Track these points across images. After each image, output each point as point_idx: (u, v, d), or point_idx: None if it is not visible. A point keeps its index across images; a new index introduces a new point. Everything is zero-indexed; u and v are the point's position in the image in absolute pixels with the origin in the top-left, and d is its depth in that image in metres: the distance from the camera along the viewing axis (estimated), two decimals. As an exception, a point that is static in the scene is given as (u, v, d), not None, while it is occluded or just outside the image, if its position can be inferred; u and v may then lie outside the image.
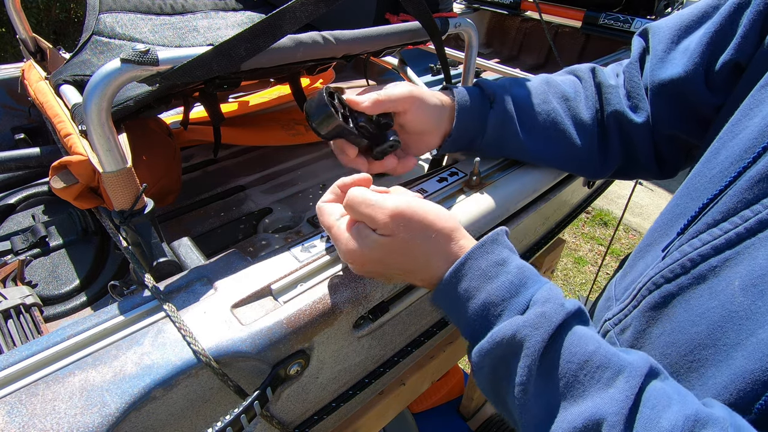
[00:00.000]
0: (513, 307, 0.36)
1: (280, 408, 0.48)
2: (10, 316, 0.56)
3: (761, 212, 0.34)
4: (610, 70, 0.62)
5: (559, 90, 0.60)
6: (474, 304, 0.37)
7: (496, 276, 0.37)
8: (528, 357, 0.34)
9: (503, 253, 0.38)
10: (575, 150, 0.59)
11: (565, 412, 0.32)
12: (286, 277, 0.46)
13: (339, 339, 0.48)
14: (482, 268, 0.37)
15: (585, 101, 0.60)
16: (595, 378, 0.32)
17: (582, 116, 0.59)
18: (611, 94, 0.58)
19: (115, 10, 0.68)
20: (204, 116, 0.96)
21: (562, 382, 0.33)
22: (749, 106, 0.40)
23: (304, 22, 0.48)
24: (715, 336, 0.35)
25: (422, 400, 1.49)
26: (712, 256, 0.36)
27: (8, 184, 0.86)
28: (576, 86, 0.61)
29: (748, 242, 0.34)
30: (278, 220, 0.78)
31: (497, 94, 0.58)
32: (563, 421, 0.32)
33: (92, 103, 0.40)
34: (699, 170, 0.44)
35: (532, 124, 0.59)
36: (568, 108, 0.59)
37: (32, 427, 0.32)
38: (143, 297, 0.43)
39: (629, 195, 1.54)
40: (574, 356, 0.33)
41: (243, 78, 0.58)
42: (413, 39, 0.66)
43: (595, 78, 0.61)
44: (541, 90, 0.60)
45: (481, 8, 1.65)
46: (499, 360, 0.36)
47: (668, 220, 0.45)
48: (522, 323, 0.34)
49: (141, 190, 0.45)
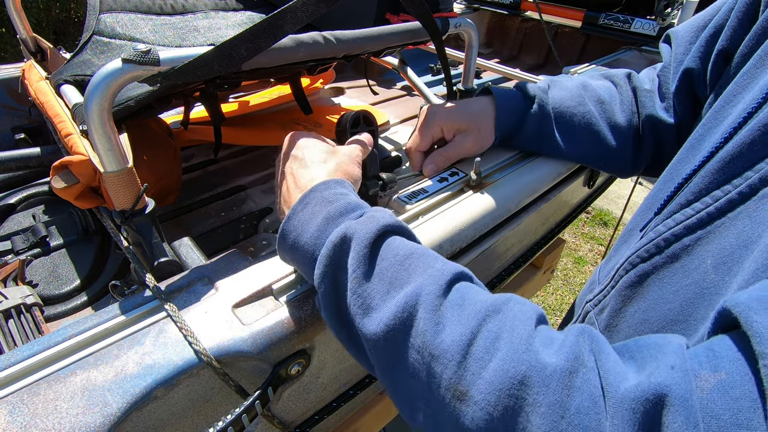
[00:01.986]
0: (350, 219, 0.39)
1: (281, 408, 0.48)
2: (11, 316, 0.56)
3: (731, 191, 0.34)
4: (644, 75, 0.65)
5: (595, 94, 0.63)
6: (314, 224, 0.40)
7: (337, 200, 0.41)
8: (358, 245, 0.36)
9: (345, 188, 0.43)
10: (608, 151, 0.63)
11: (393, 300, 0.34)
12: (287, 276, 0.46)
13: (340, 339, 0.48)
14: (325, 196, 0.42)
15: (620, 105, 0.63)
16: (419, 264, 0.35)
17: (617, 119, 0.62)
18: (646, 98, 0.61)
19: (115, 10, 0.68)
20: (204, 116, 0.96)
21: (389, 273, 0.36)
22: (732, 92, 0.41)
23: (304, 22, 0.48)
24: (686, 312, 0.36)
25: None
26: (685, 235, 0.37)
27: (8, 184, 0.86)
28: (611, 91, 0.64)
29: (718, 222, 0.35)
30: (279, 220, 0.78)
31: (537, 96, 0.63)
32: (390, 305, 0.34)
33: (93, 103, 0.40)
34: (682, 156, 0.44)
35: (568, 126, 0.63)
36: (603, 111, 0.63)
37: (34, 426, 0.33)
38: (144, 297, 0.43)
39: (629, 195, 1.54)
40: (402, 249, 0.37)
41: (244, 78, 0.58)
42: (413, 39, 0.66)
43: (631, 83, 0.64)
44: (577, 93, 0.63)
45: (481, 8, 1.65)
46: (335, 266, 0.38)
47: (650, 203, 0.46)
48: (354, 223, 0.38)
49: (142, 190, 0.45)
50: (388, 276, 0.35)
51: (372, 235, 0.37)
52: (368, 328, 0.34)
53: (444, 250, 0.53)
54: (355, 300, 0.36)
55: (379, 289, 0.35)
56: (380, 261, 0.36)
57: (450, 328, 0.31)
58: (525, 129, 0.64)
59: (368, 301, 0.35)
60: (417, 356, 0.32)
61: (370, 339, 0.34)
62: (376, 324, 0.34)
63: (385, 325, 0.33)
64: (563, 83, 0.66)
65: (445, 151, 0.63)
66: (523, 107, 0.64)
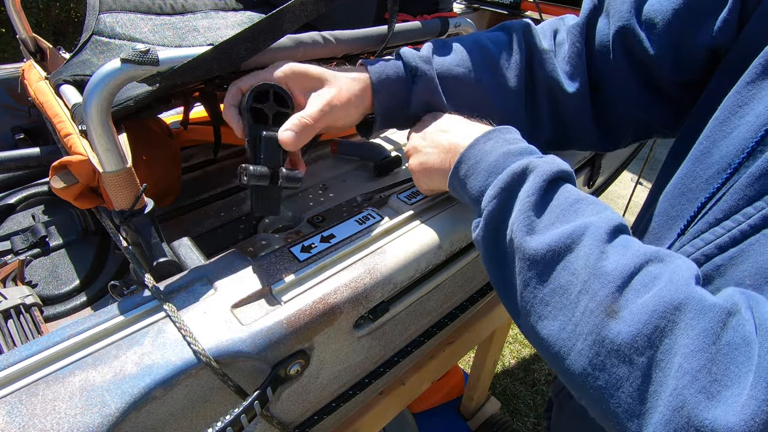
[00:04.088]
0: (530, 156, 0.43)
1: (281, 408, 0.48)
2: (10, 316, 0.56)
3: (764, 208, 0.34)
4: (545, 30, 0.57)
5: (487, 56, 0.55)
6: (494, 155, 0.44)
7: (516, 142, 0.45)
8: (537, 177, 0.39)
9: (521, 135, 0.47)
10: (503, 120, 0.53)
11: (558, 229, 0.37)
12: (286, 277, 0.46)
13: (339, 339, 0.48)
14: (506, 137, 0.46)
15: (513, 67, 0.55)
16: (590, 208, 0.38)
17: (509, 83, 0.55)
18: (544, 60, 0.55)
19: (115, 10, 0.68)
20: (204, 116, 0.96)
21: (558, 209, 0.38)
22: (737, 103, 0.39)
23: (304, 22, 0.48)
24: None
25: (422, 400, 1.49)
26: (716, 255, 0.36)
27: (8, 184, 0.86)
28: (504, 48, 0.56)
29: (752, 239, 0.34)
30: (278, 220, 0.78)
31: (419, 68, 0.53)
32: (555, 232, 0.37)
33: (92, 103, 0.40)
34: (690, 170, 0.43)
35: (458, 99, 0.55)
36: (494, 75, 0.55)
37: (32, 427, 0.32)
38: (143, 297, 0.43)
39: (629, 195, 1.54)
40: (572, 193, 0.39)
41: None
42: (413, 39, 0.66)
43: (527, 40, 0.56)
44: (466, 57, 0.55)
45: (481, 8, 1.65)
46: (509, 191, 0.41)
47: (664, 221, 0.45)
48: (536, 159, 0.42)
49: (141, 190, 0.45)
50: (556, 212, 0.38)
51: (551, 174, 0.40)
52: (529, 245, 0.37)
53: (444, 249, 0.53)
54: (522, 219, 0.38)
55: (546, 218, 0.38)
56: (554, 198, 0.39)
57: (614, 258, 0.34)
58: (412, 106, 0.55)
59: (534, 224, 0.38)
60: (570, 277, 0.35)
61: (528, 254, 0.37)
62: (538, 242, 0.37)
63: (547, 245, 0.36)
64: (450, 44, 0.56)
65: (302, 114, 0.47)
66: (405, 80, 0.54)
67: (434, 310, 0.63)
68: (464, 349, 0.96)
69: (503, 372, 1.86)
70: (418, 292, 0.55)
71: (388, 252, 0.50)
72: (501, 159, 0.43)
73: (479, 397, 1.46)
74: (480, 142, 0.46)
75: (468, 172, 0.46)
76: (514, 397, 1.76)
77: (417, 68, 0.53)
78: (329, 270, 0.47)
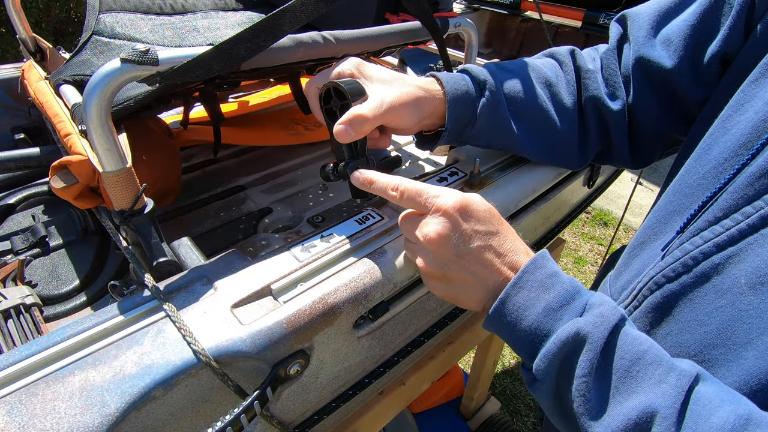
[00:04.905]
0: (572, 312, 0.38)
1: (280, 408, 0.48)
2: (10, 316, 0.56)
3: (763, 208, 0.34)
4: (587, 54, 0.61)
5: (542, 75, 0.59)
6: (533, 313, 0.39)
7: (552, 286, 0.39)
8: (590, 351, 0.35)
9: (554, 266, 0.41)
10: (559, 137, 0.59)
11: (620, 406, 0.34)
12: (286, 276, 0.46)
13: (339, 339, 0.48)
14: (539, 279, 0.40)
15: (566, 86, 0.58)
16: (648, 374, 0.34)
17: (564, 102, 0.58)
18: (590, 80, 0.58)
19: (115, 10, 0.68)
20: (204, 116, 0.96)
21: (616, 377, 0.35)
22: (739, 101, 0.40)
23: (304, 22, 0.48)
24: (724, 335, 0.35)
25: (422, 400, 1.49)
26: (714, 253, 0.36)
27: (8, 184, 0.86)
28: (557, 70, 0.60)
29: (750, 239, 0.34)
30: (278, 220, 0.78)
31: (487, 81, 0.55)
32: (618, 414, 0.33)
33: (92, 103, 0.40)
34: (691, 167, 0.43)
35: (521, 112, 0.57)
36: (551, 94, 0.58)
37: (32, 426, 0.32)
38: (143, 297, 0.43)
39: (629, 195, 1.54)
40: (628, 353, 0.35)
41: (243, 78, 0.58)
42: (413, 39, 0.66)
43: (575, 62, 0.60)
44: (525, 75, 0.58)
45: (481, 8, 1.65)
46: (564, 360, 0.37)
47: (663, 217, 0.45)
48: (584, 323, 0.36)
49: (141, 190, 0.45)
50: (615, 378, 0.35)
51: (603, 340, 0.36)
52: (595, 429, 0.35)
53: (443, 250, 0.53)
54: (581, 401, 0.35)
55: (605, 392, 0.35)
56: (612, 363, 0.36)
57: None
58: (478, 121, 0.56)
59: (595, 404, 0.35)
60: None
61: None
62: (603, 428, 0.34)
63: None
64: (507, 65, 0.59)
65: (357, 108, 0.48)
66: (474, 96, 0.55)
67: (434, 310, 0.63)
68: (464, 349, 0.96)
69: (503, 372, 1.86)
70: (418, 292, 0.55)
71: (388, 252, 0.50)
72: (542, 319, 0.39)
73: (479, 397, 1.46)
74: (512, 296, 0.40)
75: (505, 330, 0.41)
76: (514, 397, 1.76)
77: (486, 81, 0.55)
78: (329, 270, 0.47)
